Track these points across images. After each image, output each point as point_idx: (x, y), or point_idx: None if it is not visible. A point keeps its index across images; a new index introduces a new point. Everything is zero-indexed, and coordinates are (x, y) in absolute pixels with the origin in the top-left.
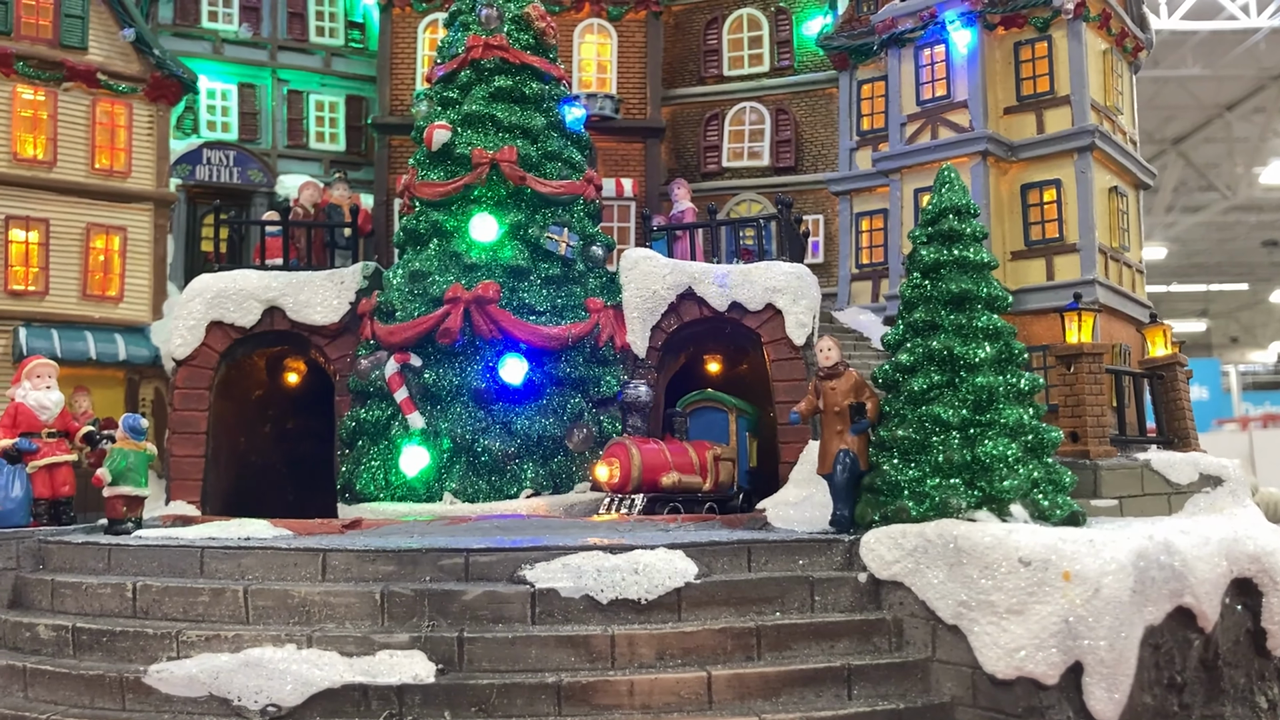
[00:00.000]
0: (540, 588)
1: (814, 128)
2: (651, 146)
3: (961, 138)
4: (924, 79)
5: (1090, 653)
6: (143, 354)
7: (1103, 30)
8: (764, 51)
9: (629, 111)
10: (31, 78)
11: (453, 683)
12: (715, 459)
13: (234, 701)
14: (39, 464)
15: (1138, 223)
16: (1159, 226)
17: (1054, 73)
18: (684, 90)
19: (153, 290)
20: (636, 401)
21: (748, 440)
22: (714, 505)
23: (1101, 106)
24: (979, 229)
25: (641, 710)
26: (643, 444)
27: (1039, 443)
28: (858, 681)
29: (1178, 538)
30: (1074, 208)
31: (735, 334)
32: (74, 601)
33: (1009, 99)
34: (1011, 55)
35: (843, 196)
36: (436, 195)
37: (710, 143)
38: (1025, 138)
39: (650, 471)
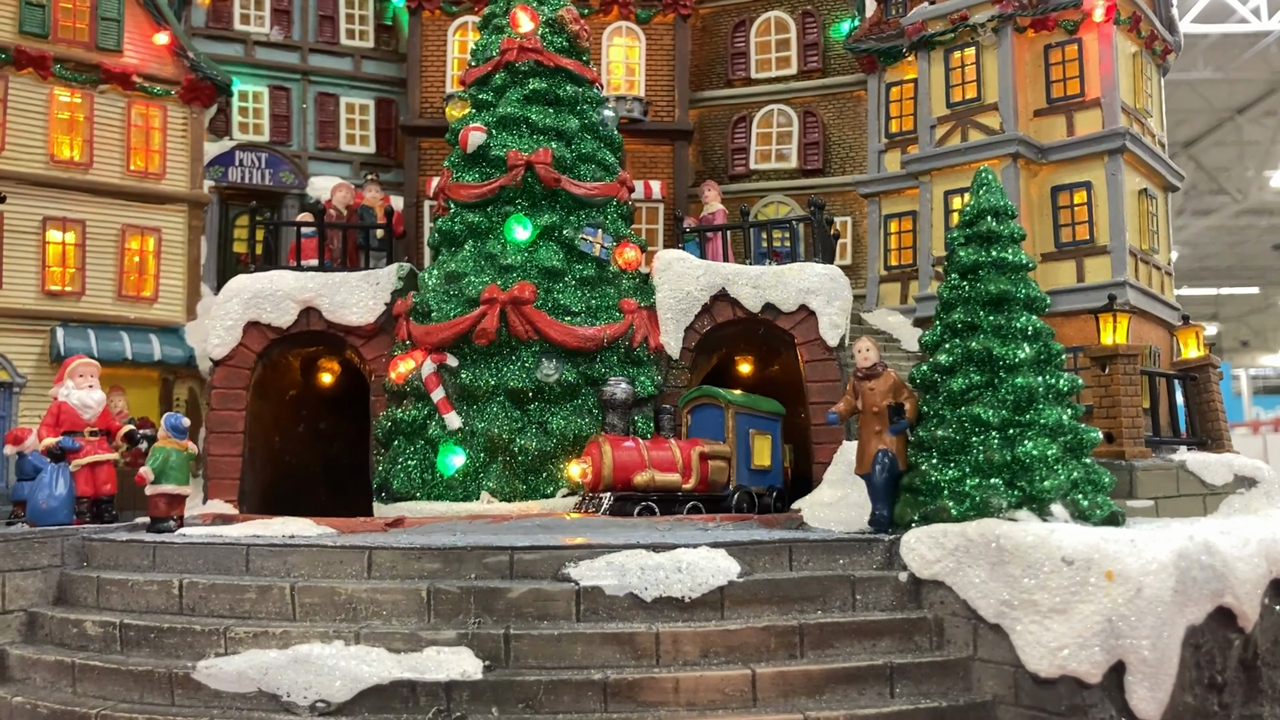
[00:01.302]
0: (585, 585)
1: (842, 130)
2: (680, 149)
3: (992, 140)
4: (954, 81)
5: (1133, 652)
6: (177, 354)
7: (1133, 33)
8: (791, 54)
9: (657, 114)
10: (68, 80)
11: (500, 679)
12: (701, 456)
13: (283, 697)
14: (82, 462)
15: (1167, 225)
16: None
17: (1084, 75)
18: (712, 93)
19: (187, 291)
20: (613, 400)
21: (753, 438)
22: (699, 504)
23: (1131, 109)
24: (1017, 230)
25: (687, 708)
26: (618, 442)
27: (1078, 443)
28: (900, 680)
29: (1218, 538)
30: (1104, 210)
31: (768, 335)
32: (120, 598)
33: (1039, 101)
34: (1041, 58)
35: (871, 198)
36: (472, 197)
37: (738, 145)
38: (1055, 140)
39: (622, 470)
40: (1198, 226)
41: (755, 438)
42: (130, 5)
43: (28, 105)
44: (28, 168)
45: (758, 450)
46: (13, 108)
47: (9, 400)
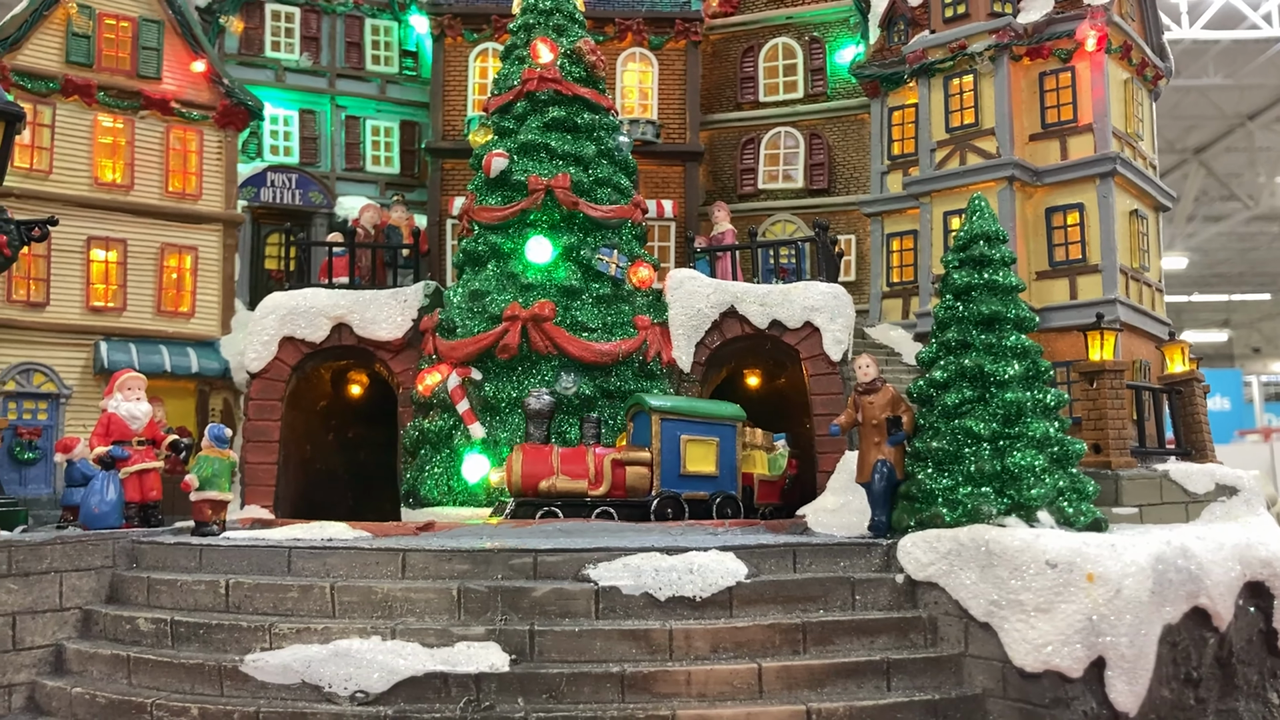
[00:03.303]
0: (603, 585)
1: (846, 151)
2: (691, 169)
3: (989, 164)
4: (952, 107)
5: (1112, 648)
6: (213, 366)
7: (1124, 61)
8: (798, 79)
9: (669, 136)
10: (111, 106)
11: (525, 672)
12: (614, 463)
13: (325, 688)
14: (130, 470)
15: (1157, 243)
16: (1180, 236)
17: (1077, 102)
18: (722, 115)
19: (222, 306)
20: (531, 410)
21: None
22: (610, 510)
23: (1123, 134)
24: (1007, 254)
25: (698, 699)
26: (530, 451)
27: (1064, 454)
28: (896, 674)
29: (1194, 543)
30: (1096, 230)
31: (775, 350)
32: (169, 597)
33: (1034, 126)
34: (1037, 85)
35: (874, 218)
36: (494, 219)
37: (747, 165)
38: (1050, 163)
39: (529, 477)
40: (1208, 233)
41: (689, 444)
42: (169, 35)
43: (73, 131)
44: (73, 190)
45: (691, 456)
46: (59, 133)
47: (56, 410)
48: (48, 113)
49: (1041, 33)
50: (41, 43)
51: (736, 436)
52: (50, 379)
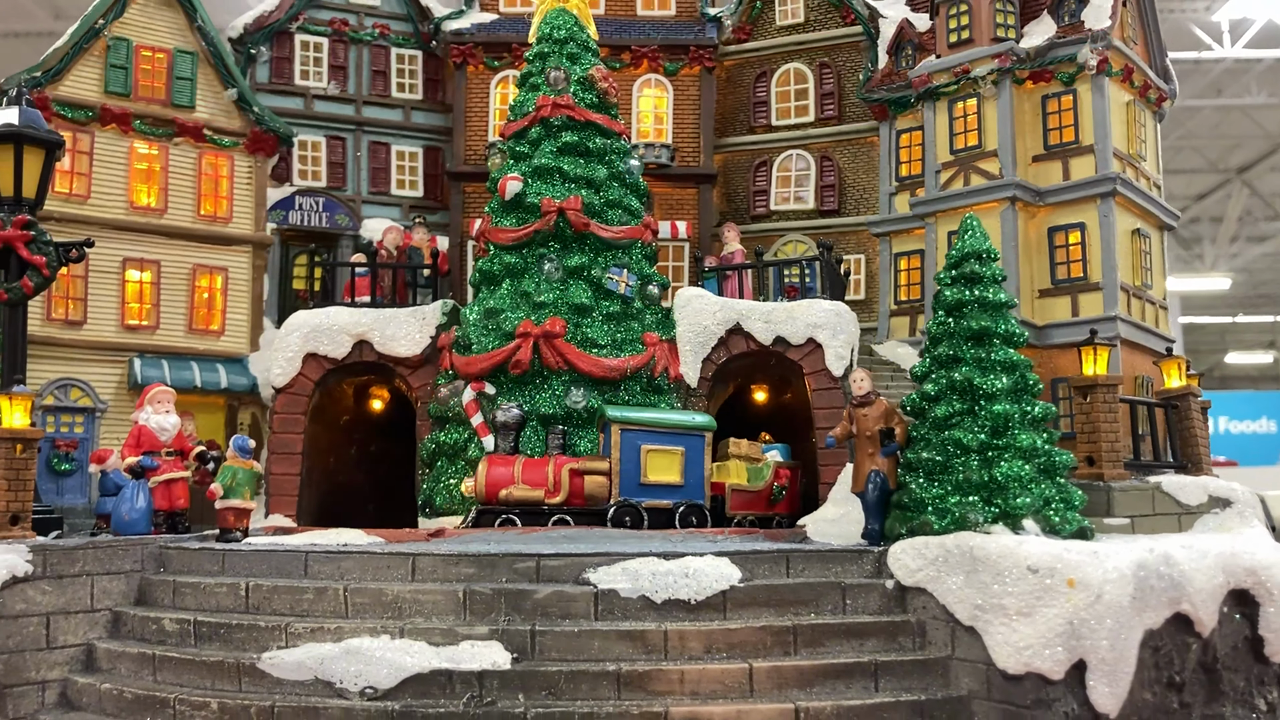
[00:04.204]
0: (602, 588)
1: (856, 173)
2: (704, 191)
3: (991, 184)
4: (957, 130)
5: (1093, 652)
6: (242, 382)
7: (1126, 83)
8: (809, 103)
9: (683, 159)
10: (146, 134)
11: (526, 670)
12: (572, 473)
13: (337, 684)
14: (159, 479)
15: (1161, 262)
16: (1224, 257)
17: (1079, 124)
18: (735, 139)
19: (250, 325)
20: (498, 422)
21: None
22: (566, 518)
23: (1124, 155)
24: (998, 272)
25: (691, 696)
26: (495, 461)
27: (1051, 464)
28: (884, 675)
29: (1177, 551)
30: (1097, 249)
31: (780, 366)
32: (193, 599)
33: (1037, 148)
34: (1039, 107)
35: (883, 237)
36: (509, 240)
37: (759, 187)
38: (1052, 184)
39: (492, 486)
40: (1253, 253)
41: (650, 454)
42: (202, 65)
43: (110, 157)
44: (110, 213)
45: (653, 466)
46: (97, 160)
47: (92, 424)
48: (86, 140)
49: (1044, 57)
50: (81, 74)
51: (705, 447)
52: (86, 394)
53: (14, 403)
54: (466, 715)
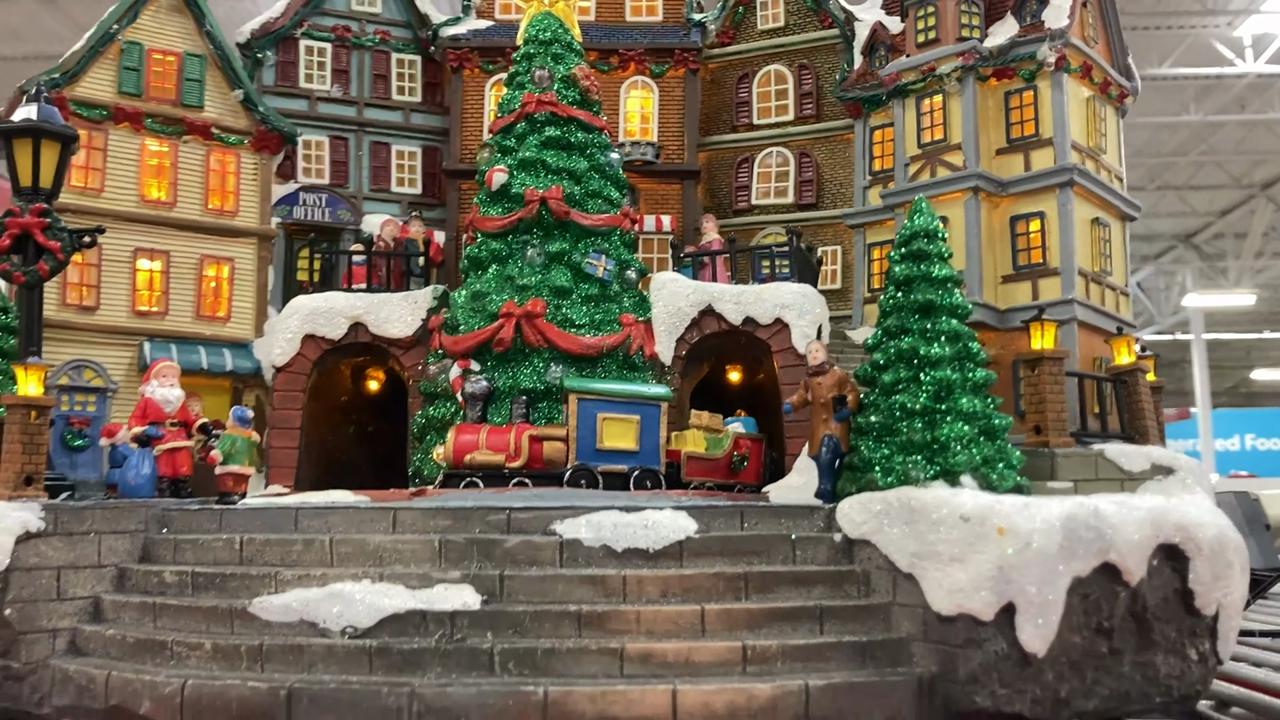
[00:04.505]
0: (567, 538)
1: (833, 169)
2: (688, 187)
3: (955, 176)
4: (924, 125)
5: (1021, 595)
6: (246, 366)
7: (1085, 80)
8: (789, 103)
9: (668, 156)
10: (157, 132)
11: (494, 610)
12: (531, 439)
13: (320, 624)
14: (163, 448)
15: (1122, 249)
16: (1248, 272)
17: (1039, 118)
18: (719, 137)
19: (255, 312)
20: (474, 395)
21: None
22: (525, 479)
23: (1084, 148)
24: (944, 249)
25: (646, 635)
26: (463, 429)
27: (991, 426)
28: (829, 619)
29: (1106, 505)
30: (1056, 236)
31: (750, 345)
32: (192, 554)
33: (1000, 141)
34: (1003, 103)
35: (857, 229)
36: (495, 228)
37: (741, 183)
38: (1014, 175)
39: (459, 451)
40: (1278, 268)
41: (606, 421)
42: (210, 67)
43: (123, 154)
44: (122, 206)
45: (608, 433)
46: (111, 156)
47: (104, 403)
48: (101, 138)
49: (1006, 55)
50: (97, 76)
51: (660, 416)
52: (99, 374)
53: (29, 372)
54: (438, 651)
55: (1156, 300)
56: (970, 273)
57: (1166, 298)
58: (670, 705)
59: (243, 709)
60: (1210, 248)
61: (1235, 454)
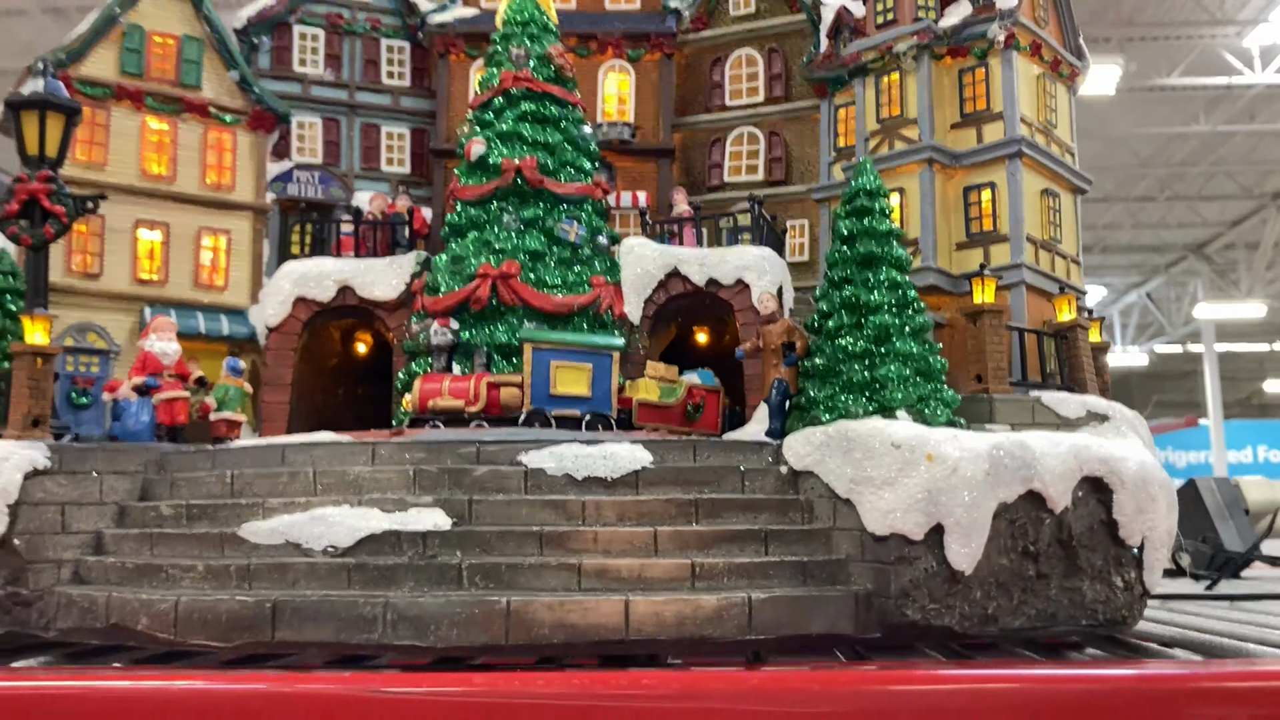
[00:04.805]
0: (531, 467)
1: (801, 147)
2: (664, 166)
3: (911, 148)
4: (882, 101)
5: (948, 516)
6: (242, 331)
7: (1035, 58)
8: (759, 84)
9: (644, 137)
10: (157, 110)
11: (463, 530)
12: (489, 385)
13: (303, 545)
14: (161, 397)
15: (1074, 220)
16: (1260, 283)
17: (990, 94)
18: (693, 117)
19: (250, 282)
20: (439, 346)
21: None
22: (483, 421)
23: (1034, 122)
24: (885, 205)
25: (603, 553)
26: (428, 377)
27: (928, 368)
28: (774, 541)
29: (1031, 438)
30: (1006, 204)
31: (714, 305)
32: (187, 490)
33: (955, 116)
34: (957, 80)
35: (823, 203)
36: (474, 196)
37: (714, 161)
38: (967, 148)
39: (424, 397)
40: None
41: (558, 369)
42: (208, 50)
43: (125, 130)
44: (124, 180)
45: (561, 380)
46: (114, 132)
47: (106, 364)
48: (104, 115)
49: (960, 34)
50: (100, 56)
51: (612, 364)
52: (102, 337)
53: (36, 322)
54: (412, 566)
55: (1167, 311)
56: (925, 240)
57: (1178, 308)
58: (623, 614)
59: (231, 620)
60: (1221, 258)
61: (1248, 465)
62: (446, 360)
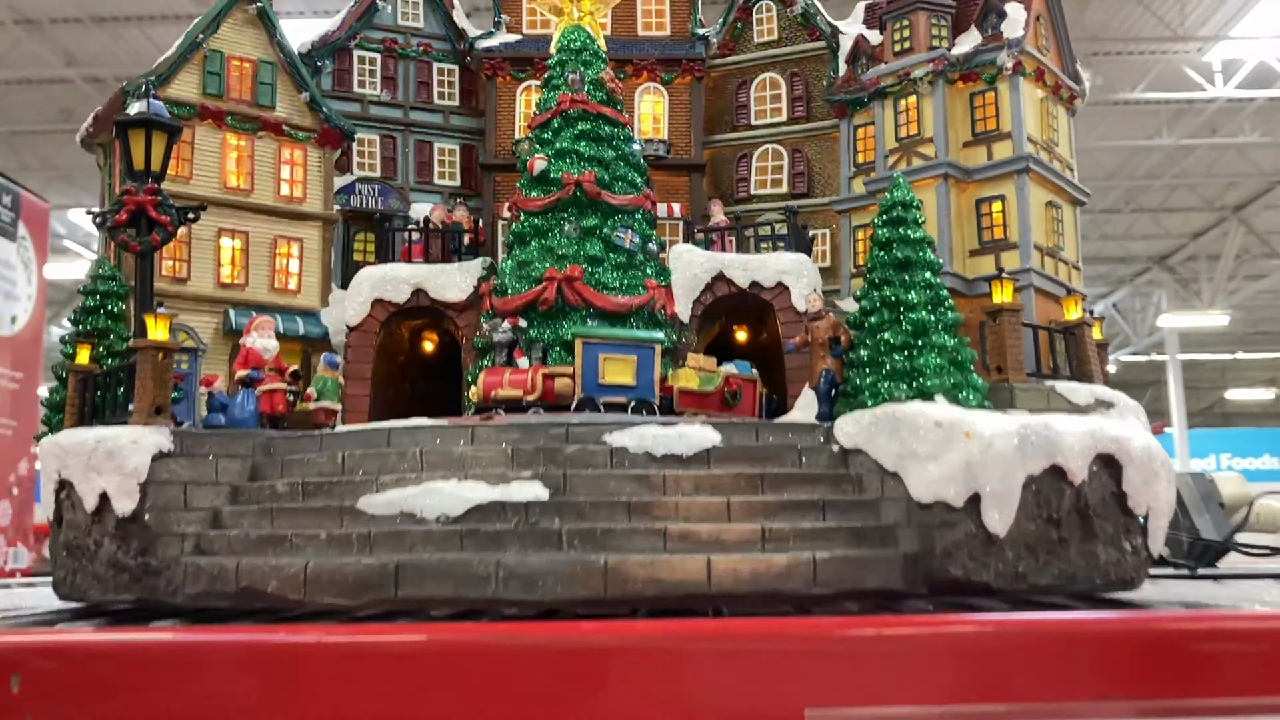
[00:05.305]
0: (615, 446)
1: (822, 162)
2: (695, 179)
3: (927, 164)
4: (900, 122)
5: (985, 486)
6: (316, 331)
7: (1039, 83)
8: (782, 105)
9: (677, 152)
10: (236, 128)
11: (560, 501)
12: (544, 376)
13: (417, 515)
14: (263, 389)
15: (1074, 229)
16: (1221, 294)
17: (999, 115)
18: (721, 135)
19: (321, 285)
20: (500, 343)
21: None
22: (540, 408)
23: (1038, 140)
24: (918, 216)
25: (683, 520)
26: (491, 371)
27: (959, 359)
28: (830, 510)
29: (1054, 420)
30: (1015, 215)
31: (756, 306)
32: (298, 470)
33: (966, 135)
34: (968, 103)
35: (843, 214)
36: (536, 207)
37: (741, 175)
38: (978, 164)
39: (486, 389)
40: (1251, 290)
41: (606, 361)
42: (280, 73)
43: (208, 146)
44: (208, 192)
45: (609, 370)
46: (197, 148)
47: (195, 361)
48: (189, 133)
49: (971, 61)
50: (184, 79)
51: (655, 356)
52: (191, 336)
53: (158, 320)
54: (516, 532)
55: (1132, 321)
56: (941, 247)
57: (1142, 319)
58: (705, 570)
59: (358, 580)
60: (1184, 270)
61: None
62: (507, 355)
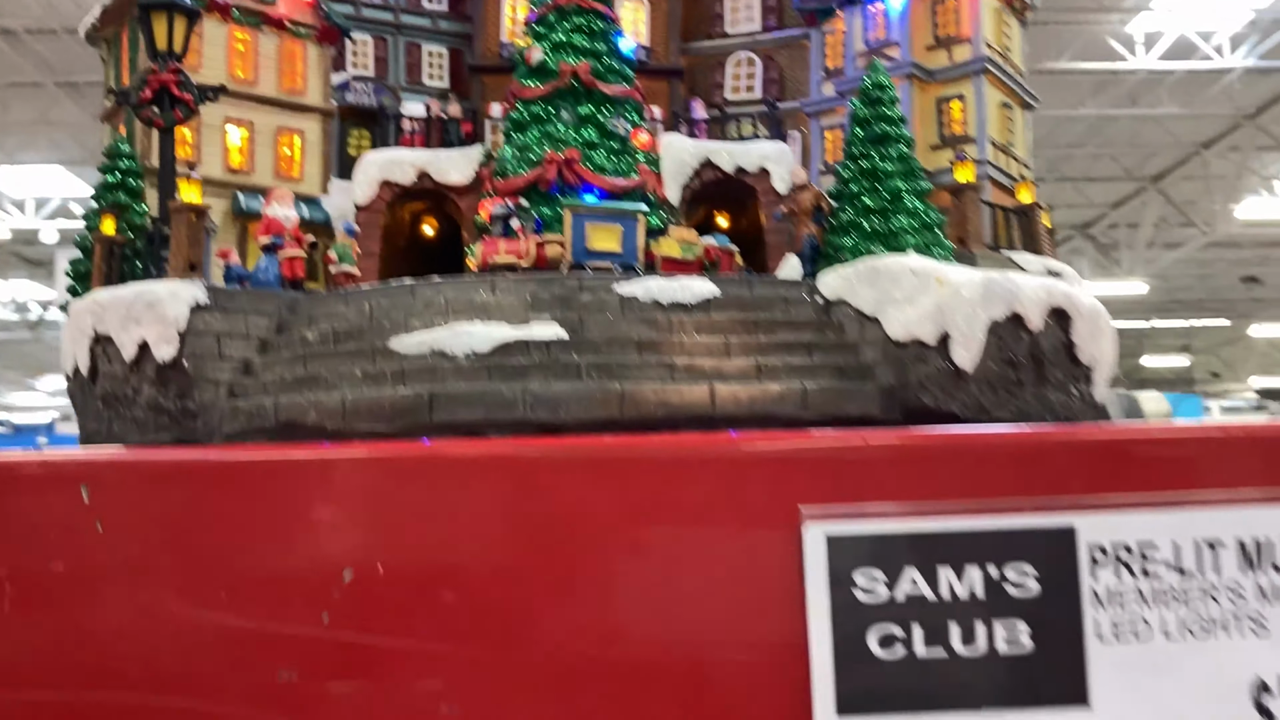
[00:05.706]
0: (625, 295)
1: (793, 69)
2: (674, 84)
3: (894, 65)
4: (868, 28)
5: (953, 327)
6: (319, 216)
7: None
8: (755, 15)
9: (657, 58)
10: (241, 22)
11: (577, 339)
12: (537, 244)
13: (447, 352)
14: (285, 254)
15: (1023, 128)
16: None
17: (959, 21)
18: (698, 43)
19: (322, 174)
20: (498, 215)
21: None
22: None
23: (994, 46)
24: (892, 95)
25: (689, 355)
26: (489, 241)
27: (928, 221)
28: (815, 349)
29: (1015, 275)
30: (973, 113)
31: (739, 191)
32: (326, 322)
33: (929, 40)
34: (930, 12)
35: (813, 116)
36: (534, 95)
37: (716, 81)
38: (940, 65)
39: (484, 256)
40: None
41: (594, 229)
42: None
43: (215, 38)
44: (216, 80)
45: (596, 238)
46: (206, 41)
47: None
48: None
49: None
50: None
51: (638, 226)
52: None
53: (190, 184)
54: (540, 365)
55: None
56: None
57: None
58: (710, 396)
59: (394, 409)
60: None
61: None
62: (503, 228)
